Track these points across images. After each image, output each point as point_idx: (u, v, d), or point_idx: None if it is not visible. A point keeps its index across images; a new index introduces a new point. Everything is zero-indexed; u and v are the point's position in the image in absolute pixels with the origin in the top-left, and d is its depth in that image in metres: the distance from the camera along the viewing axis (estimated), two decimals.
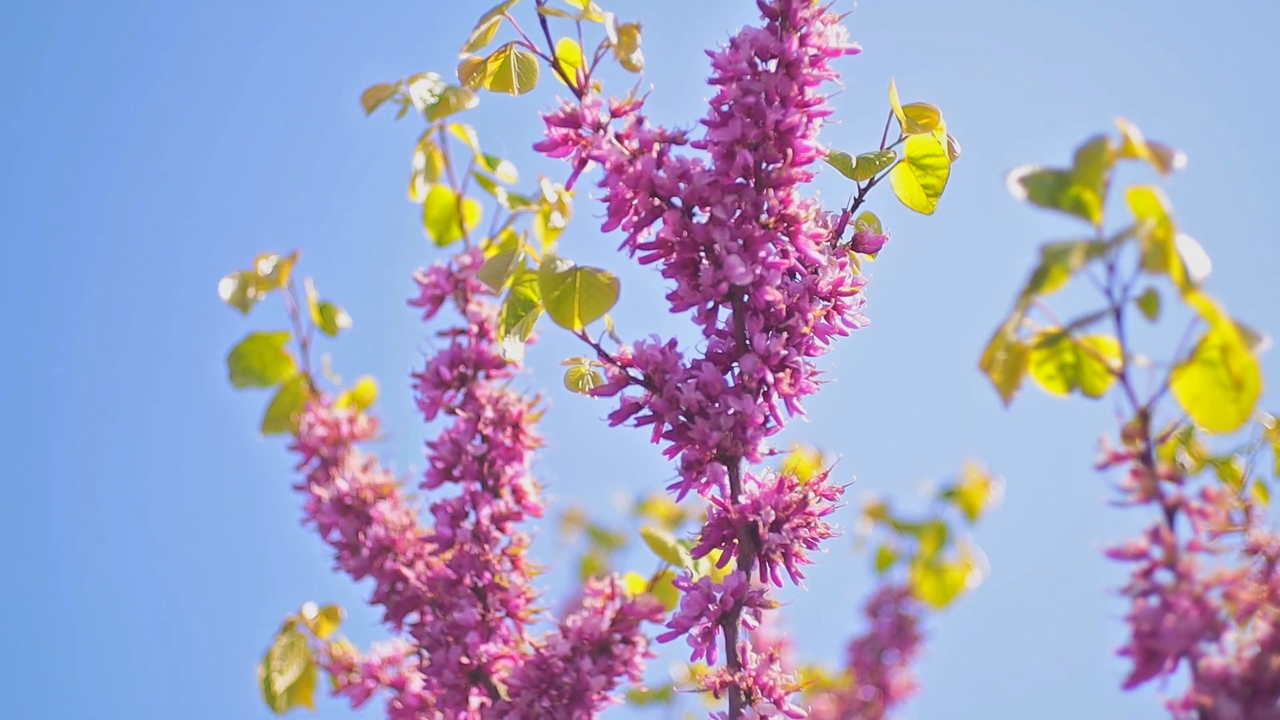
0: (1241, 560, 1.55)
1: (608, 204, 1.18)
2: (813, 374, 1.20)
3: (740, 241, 1.19)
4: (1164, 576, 1.00)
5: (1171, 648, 0.98)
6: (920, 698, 2.01)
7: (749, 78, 1.18)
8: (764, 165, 1.18)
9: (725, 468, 1.19)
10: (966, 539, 2.05)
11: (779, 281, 1.19)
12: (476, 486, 1.44)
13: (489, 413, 1.43)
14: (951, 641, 2.10)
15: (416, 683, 1.52)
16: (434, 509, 1.44)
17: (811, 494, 1.18)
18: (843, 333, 1.20)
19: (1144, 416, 1.01)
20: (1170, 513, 1.01)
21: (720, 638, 1.18)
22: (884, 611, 2.04)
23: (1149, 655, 1.00)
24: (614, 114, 1.20)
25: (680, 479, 1.20)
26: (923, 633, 2.04)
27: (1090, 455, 1.03)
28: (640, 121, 1.19)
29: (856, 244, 1.28)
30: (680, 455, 1.19)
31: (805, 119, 1.19)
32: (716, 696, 1.20)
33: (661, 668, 2.13)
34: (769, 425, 1.19)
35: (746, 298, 1.19)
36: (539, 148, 1.20)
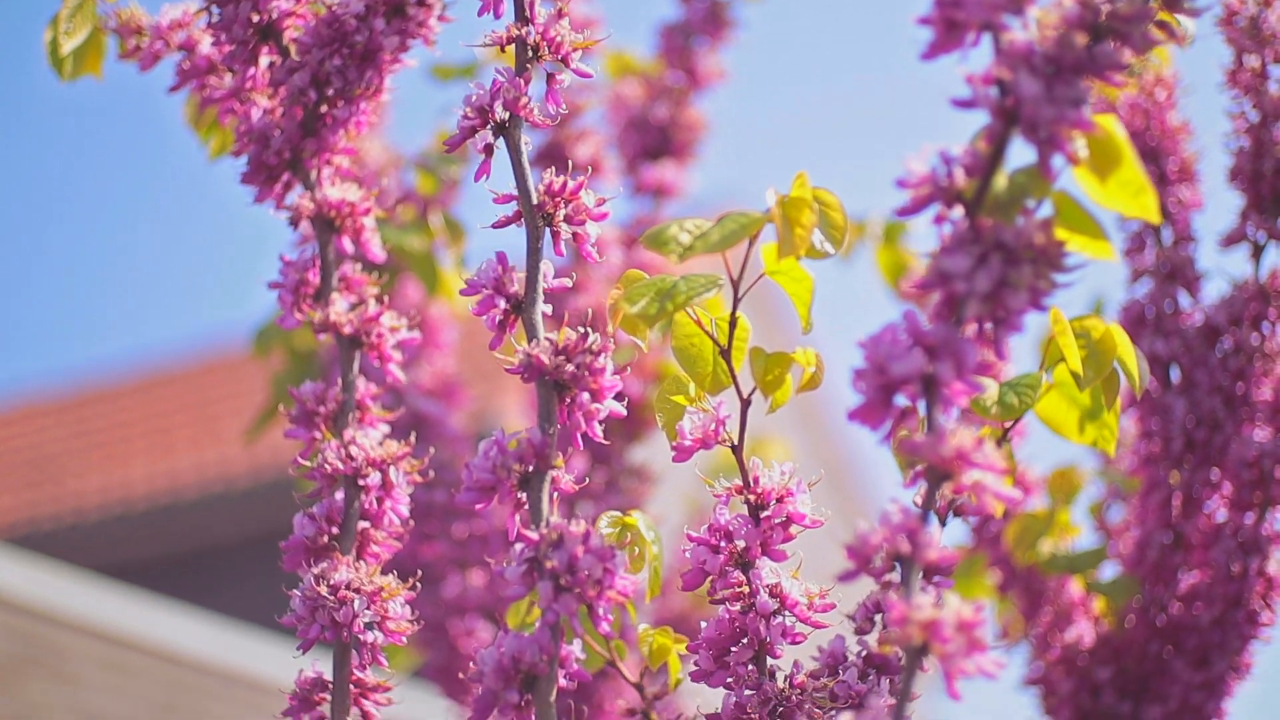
0: None
1: None
2: None
3: None
4: None
5: (973, 18, 0.95)
6: (712, 137, 1.97)
7: None
8: None
9: None
10: None
11: None
12: None
13: None
14: None
15: (206, 44, 1.47)
16: None
17: None
18: None
19: None
20: None
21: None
22: None
23: (950, 25, 0.96)
24: None
25: None
26: (734, 19, 1.98)
27: None
28: None
29: None
30: None
31: None
32: (502, 51, 1.15)
33: (466, 51, 2.07)
34: None
35: None
36: None
